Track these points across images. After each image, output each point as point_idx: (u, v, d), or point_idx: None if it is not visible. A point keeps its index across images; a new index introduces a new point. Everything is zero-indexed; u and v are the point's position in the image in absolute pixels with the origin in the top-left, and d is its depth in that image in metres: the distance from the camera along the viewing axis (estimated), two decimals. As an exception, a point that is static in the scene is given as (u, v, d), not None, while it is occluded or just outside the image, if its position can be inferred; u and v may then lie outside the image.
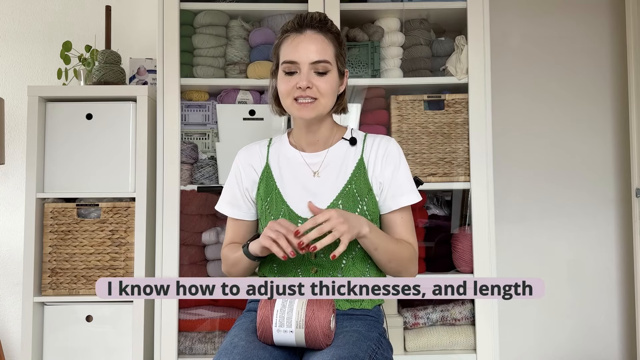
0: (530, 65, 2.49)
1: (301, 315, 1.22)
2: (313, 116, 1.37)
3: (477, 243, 1.97)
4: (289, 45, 1.37)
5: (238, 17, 2.09)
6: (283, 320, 1.23)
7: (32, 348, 1.93)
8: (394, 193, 1.41)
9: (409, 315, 2.03)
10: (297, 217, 1.40)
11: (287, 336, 1.23)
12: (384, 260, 1.37)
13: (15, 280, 2.36)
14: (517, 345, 2.45)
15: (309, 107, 1.36)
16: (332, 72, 1.38)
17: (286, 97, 1.38)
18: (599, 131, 2.49)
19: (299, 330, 1.22)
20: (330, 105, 1.40)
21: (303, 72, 1.35)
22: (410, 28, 2.11)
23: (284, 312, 1.23)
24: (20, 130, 2.38)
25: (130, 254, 1.97)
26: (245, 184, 1.48)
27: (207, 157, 2.11)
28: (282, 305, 1.24)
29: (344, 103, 1.48)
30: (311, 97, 1.35)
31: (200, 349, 1.97)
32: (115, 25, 2.28)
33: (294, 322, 1.22)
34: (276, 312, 1.23)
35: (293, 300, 1.24)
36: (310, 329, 1.22)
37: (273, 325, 1.23)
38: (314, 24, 1.37)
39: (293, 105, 1.37)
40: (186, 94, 2.10)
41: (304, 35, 1.36)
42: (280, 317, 1.23)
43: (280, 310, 1.23)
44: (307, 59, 1.35)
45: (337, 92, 1.42)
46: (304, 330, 1.22)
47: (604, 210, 2.47)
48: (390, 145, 1.45)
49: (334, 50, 1.39)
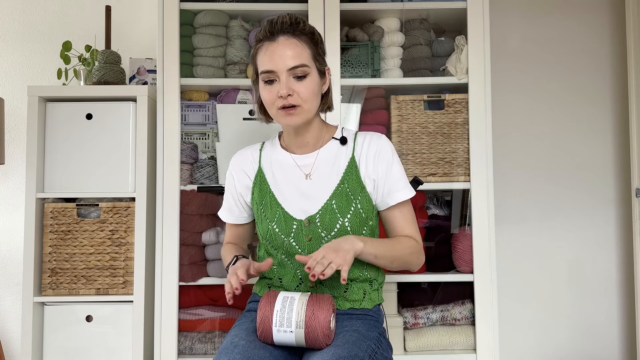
0: (530, 65, 2.48)
1: (301, 315, 1.23)
2: (300, 122, 1.38)
3: (477, 243, 1.97)
4: (264, 55, 1.36)
5: (238, 17, 2.09)
6: (283, 320, 1.23)
7: (32, 348, 1.93)
8: (390, 189, 1.41)
9: (409, 315, 2.02)
10: (292, 219, 1.40)
11: (287, 336, 1.23)
12: (386, 264, 1.40)
13: (15, 280, 2.36)
14: (517, 345, 2.45)
15: (294, 114, 1.36)
16: (312, 74, 1.37)
17: (271, 106, 1.38)
18: (599, 131, 2.49)
19: (298, 330, 1.22)
20: (314, 108, 1.39)
21: (282, 80, 1.34)
22: (410, 28, 2.11)
23: (284, 313, 1.23)
24: (20, 130, 2.38)
25: (130, 254, 1.97)
26: (239, 189, 1.50)
27: (207, 157, 2.11)
28: (282, 305, 1.24)
29: (329, 101, 1.47)
30: (294, 105, 1.35)
31: (200, 349, 1.97)
32: (115, 25, 2.28)
33: (293, 322, 1.22)
34: (276, 312, 1.24)
35: (293, 300, 1.24)
36: (310, 329, 1.22)
37: (273, 326, 1.23)
38: (284, 29, 1.35)
39: (279, 113, 1.37)
40: (186, 94, 2.10)
41: (277, 43, 1.35)
42: (280, 317, 1.23)
43: (280, 310, 1.24)
44: (284, 66, 1.33)
45: (321, 92, 1.42)
46: (304, 331, 1.22)
47: (604, 210, 2.47)
48: (381, 142, 1.44)
49: (310, 51, 1.37)
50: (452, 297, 2.06)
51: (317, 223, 1.38)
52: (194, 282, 1.98)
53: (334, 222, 1.38)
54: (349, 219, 1.38)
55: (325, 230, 1.38)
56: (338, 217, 1.38)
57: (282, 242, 1.41)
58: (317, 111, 1.43)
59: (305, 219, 1.39)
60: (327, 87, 1.45)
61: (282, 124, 1.41)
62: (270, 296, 1.27)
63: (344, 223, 1.38)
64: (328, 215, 1.38)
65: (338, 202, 1.39)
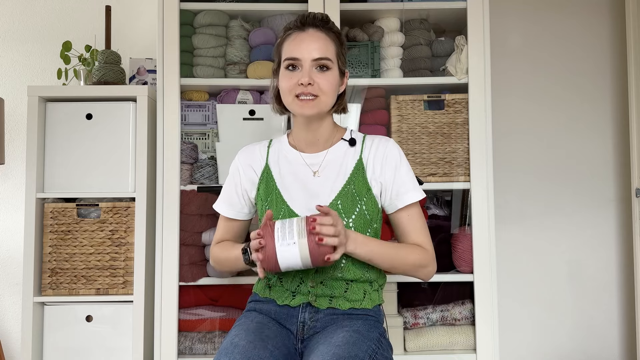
0: (530, 65, 2.49)
1: (301, 225, 1.23)
2: (314, 113, 1.38)
3: (477, 243, 1.97)
4: (291, 43, 1.39)
5: (238, 17, 2.09)
6: (285, 234, 1.22)
7: (32, 348, 1.93)
8: (398, 191, 1.42)
9: (409, 315, 2.02)
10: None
11: (291, 251, 1.22)
12: (383, 268, 1.41)
13: (15, 280, 2.36)
14: (517, 345, 2.45)
15: (310, 104, 1.37)
16: (333, 69, 1.39)
17: (288, 94, 1.39)
18: (599, 131, 2.49)
19: (301, 240, 1.22)
20: (330, 103, 1.41)
21: (305, 69, 1.36)
22: (410, 28, 2.11)
23: (285, 228, 1.23)
24: (20, 130, 2.38)
25: (130, 254, 1.97)
26: (244, 184, 1.50)
27: (207, 157, 2.11)
28: (281, 224, 1.24)
29: (344, 103, 1.49)
30: (312, 94, 1.36)
31: (200, 349, 1.97)
32: (115, 25, 2.28)
33: (295, 233, 1.22)
34: (277, 229, 1.23)
35: (292, 220, 1.24)
36: (312, 238, 1.21)
37: (276, 241, 1.22)
38: (316, 23, 1.40)
39: (295, 102, 1.38)
40: (186, 94, 2.10)
41: (307, 33, 1.39)
42: (282, 232, 1.22)
43: (281, 227, 1.24)
44: (309, 56, 1.36)
45: (338, 91, 1.43)
46: (307, 239, 1.21)
47: (604, 210, 2.47)
48: (389, 145, 1.45)
49: (336, 49, 1.41)
50: (452, 297, 2.06)
51: None
52: (194, 282, 1.98)
53: None
54: (353, 220, 1.38)
55: None
56: (343, 217, 1.38)
57: None
58: (331, 109, 1.44)
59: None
60: (343, 88, 1.47)
61: (297, 114, 1.41)
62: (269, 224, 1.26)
63: (348, 223, 1.38)
64: None
65: (343, 202, 1.39)
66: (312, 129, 1.44)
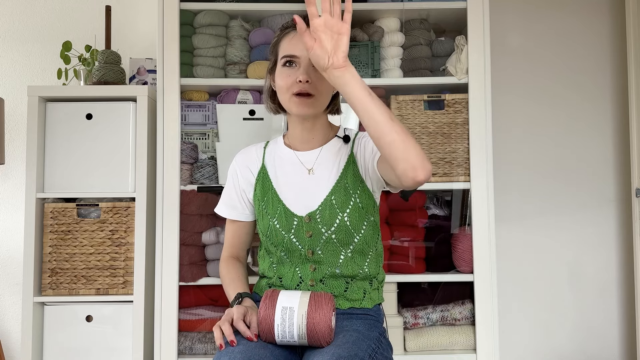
0: (531, 65, 2.49)
1: (302, 328, 1.23)
2: (310, 112, 1.38)
3: (477, 243, 1.97)
4: (289, 41, 1.39)
5: (238, 17, 2.09)
6: (285, 333, 1.24)
7: (32, 348, 1.93)
8: (373, 149, 1.38)
9: (409, 315, 2.02)
10: (292, 215, 1.41)
11: (289, 343, 1.26)
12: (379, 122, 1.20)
13: (15, 280, 2.36)
14: (517, 345, 2.45)
15: (307, 103, 1.37)
16: None
17: (285, 91, 1.38)
18: (599, 131, 2.49)
19: (301, 340, 1.25)
20: (325, 103, 1.41)
21: (302, 66, 1.36)
22: (410, 28, 2.11)
23: (285, 326, 1.23)
24: (20, 130, 2.39)
25: (130, 254, 1.97)
26: (242, 185, 1.51)
27: (207, 157, 2.11)
28: (281, 319, 1.24)
29: (338, 104, 1.50)
30: (309, 93, 1.36)
31: (200, 349, 1.97)
32: (115, 25, 2.28)
33: (295, 334, 1.24)
34: (277, 326, 1.24)
35: (292, 313, 1.24)
36: (311, 336, 1.24)
37: (275, 337, 1.25)
38: None
39: (292, 100, 1.38)
40: (186, 94, 2.10)
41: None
42: (282, 330, 1.23)
43: (281, 324, 1.24)
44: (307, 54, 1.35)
45: (333, 91, 1.43)
46: (307, 340, 1.24)
47: (604, 210, 2.47)
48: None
49: None
50: (452, 297, 2.06)
51: (317, 219, 1.39)
52: (194, 282, 1.98)
53: (334, 217, 1.38)
54: (348, 214, 1.38)
55: (325, 226, 1.38)
56: (337, 212, 1.38)
57: (282, 238, 1.41)
58: (326, 110, 1.45)
59: (305, 215, 1.40)
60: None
61: (293, 112, 1.40)
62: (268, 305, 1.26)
63: (343, 218, 1.38)
64: (328, 210, 1.39)
65: (337, 197, 1.39)
66: (307, 127, 1.45)
